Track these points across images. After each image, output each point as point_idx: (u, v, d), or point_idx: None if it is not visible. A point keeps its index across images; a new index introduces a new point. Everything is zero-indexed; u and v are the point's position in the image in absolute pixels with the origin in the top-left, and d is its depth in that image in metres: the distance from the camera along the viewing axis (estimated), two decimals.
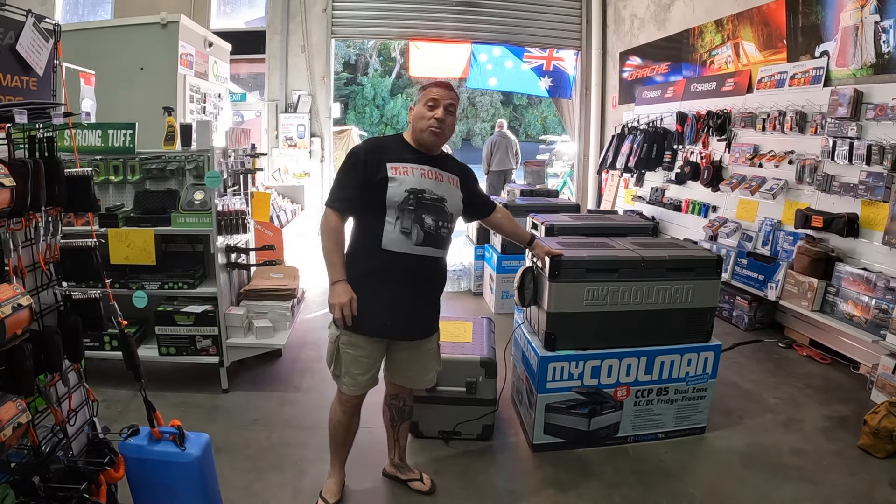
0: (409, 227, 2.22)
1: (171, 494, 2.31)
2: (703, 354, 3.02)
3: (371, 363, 2.38)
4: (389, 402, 2.65)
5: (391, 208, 2.22)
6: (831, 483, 2.79)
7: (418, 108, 2.30)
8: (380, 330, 2.32)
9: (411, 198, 2.22)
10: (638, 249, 2.99)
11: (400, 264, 2.25)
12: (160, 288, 3.46)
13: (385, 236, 2.23)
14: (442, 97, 2.27)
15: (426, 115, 2.27)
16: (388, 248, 2.23)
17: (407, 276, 2.28)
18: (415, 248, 2.24)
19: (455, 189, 2.38)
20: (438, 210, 2.28)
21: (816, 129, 4.48)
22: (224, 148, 3.56)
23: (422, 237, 2.23)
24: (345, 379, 2.38)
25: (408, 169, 2.26)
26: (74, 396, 2.11)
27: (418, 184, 2.25)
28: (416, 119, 2.30)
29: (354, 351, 2.34)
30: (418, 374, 2.53)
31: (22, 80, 1.88)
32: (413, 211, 2.22)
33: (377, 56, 25.13)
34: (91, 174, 1.88)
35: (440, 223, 2.28)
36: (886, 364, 3.57)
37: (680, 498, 2.67)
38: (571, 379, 2.90)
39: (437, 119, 2.26)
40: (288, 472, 2.82)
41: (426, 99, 2.28)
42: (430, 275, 2.37)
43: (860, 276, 3.94)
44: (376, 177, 2.22)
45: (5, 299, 1.50)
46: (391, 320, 2.30)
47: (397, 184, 2.22)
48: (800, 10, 4.86)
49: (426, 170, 2.30)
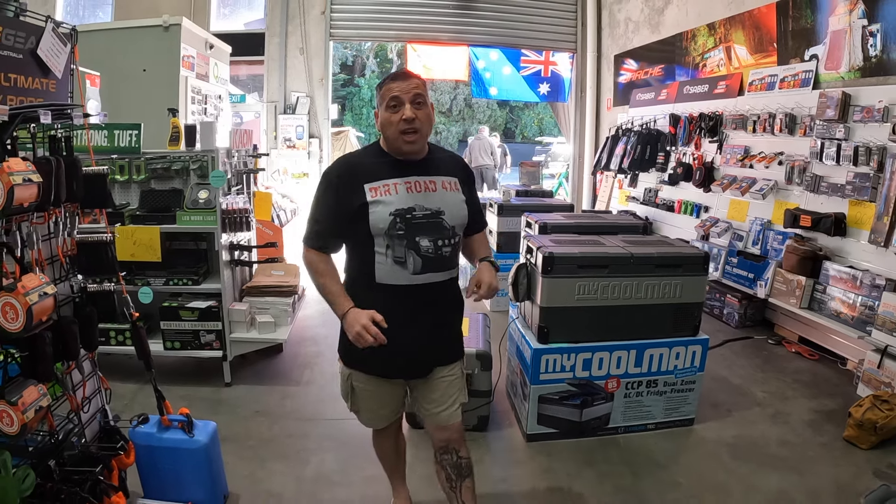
0: (402, 255, 1.87)
1: (179, 480, 2.41)
2: (691, 348, 3.13)
3: (389, 397, 2.13)
4: (440, 460, 2.15)
5: (378, 237, 1.88)
6: (816, 473, 2.89)
7: (382, 112, 1.90)
8: (388, 371, 2.03)
9: (398, 221, 1.86)
10: (628, 246, 3.10)
11: (399, 298, 1.92)
12: (165, 284, 3.56)
13: (378, 269, 1.90)
14: (403, 90, 1.86)
15: (392, 120, 1.86)
16: (384, 281, 1.90)
17: (410, 311, 1.94)
18: (414, 277, 1.90)
19: (454, 194, 2.00)
20: (435, 227, 1.91)
21: (805, 131, 4.59)
22: (228, 148, 3.65)
23: (419, 264, 1.88)
24: (363, 415, 2.18)
25: (389, 187, 1.89)
26: (88, 384, 2.21)
27: (404, 202, 1.88)
28: (383, 127, 1.90)
29: (367, 386, 2.08)
30: (443, 412, 2.08)
31: (42, 82, 1.97)
32: (403, 236, 1.86)
33: (374, 57, 25.20)
34: (107, 172, 1.97)
35: (440, 242, 1.91)
36: (872, 359, 3.67)
37: (669, 486, 2.77)
38: (564, 371, 3.00)
39: (405, 121, 1.85)
40: (290, 460, 2.91)
41: (386, 100, 1.88)
42: (439, 301, 2.02)
43: (847, 274, 4.05)
44: (354, 203, 1.87)
45: (32, 287, 1.60)
46: (404, 360, 1.99)
47: (380, 207, 1.86)
48: (790, 14, 4.97)
49: (412, 182, 1.92)
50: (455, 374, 2.11)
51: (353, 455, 2.89)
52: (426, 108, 1.90)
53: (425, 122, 1.89)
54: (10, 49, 1.84)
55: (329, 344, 4.48)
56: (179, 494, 2.40)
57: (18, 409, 1.71)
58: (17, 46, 1.87)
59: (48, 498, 1.93)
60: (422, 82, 1.92)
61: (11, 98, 1.82)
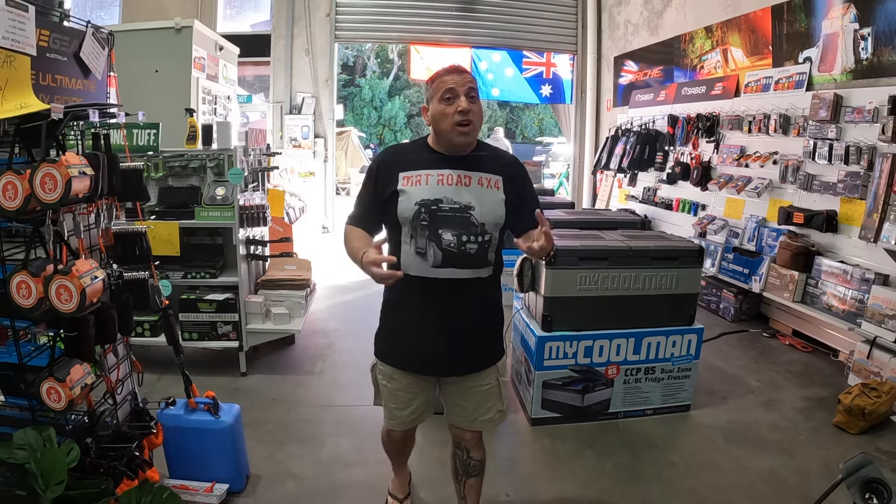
0: (423, 246, 1.86)
1: (204, 460, 2.55)
2: (687, 336, 3.28)
3: (410, 398, 2.09)
4: (454, 452, 2.26)
5: (404, 225, 1.89)
6: (806, 455, 3.04)
7: (434, 105, 1.88)
8: (409, 364, 2.03)
9: (423, 211, 1.86)
10: (626, 240, 3.26)
11: (419, 290, 1.91)
12: (183, 277, 3.70)
13: (402, 258, 1.89)
14: (458, 83, 1.85)
15: (447, 112, 1.84)
16: (407, 271, 1.86)
17: (429, 304, 1.94)
18: (434, 270, 1.87)
19: (493, 192, 1.93)
20: (462, 222, 1.87)
21: (799, 131, 4.73)
22: (245, 146, 3.80)
23: (440, 258, 1.85)
24: (387, 412, 2.16)
25: (420, 177, 1.89)
26: (122, 367, 2.35)
27: (432, 193, 1.87)
28: (436, 120, 1.88)
29: (389, 383, 2.09)
30: (471, 413, 2.10)
31: (83, 83, 2.12)
32: (427, 227, 1.85)
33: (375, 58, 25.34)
34: (143, 168, 2.12)
35: (465, 237, 1.86)
36: (862, 350, 3.81)
37: (665, 466, 2.93)
38: (566, 357, 3.16)
39: (461, 112, 1.83)
40: (307, 444, 3.06)
41: (440, 92, 1.86)
42: (466, 300, 1.95)
43: (838, 268, 4.20)
44: (388, 191, 1.91)
45: (85, 271, 1.75)
46: (421, 353, 1.99)
47: (407, 197, 1.88)
48: (784, 18, 5.12)
49: (445, 174, 1.90)
50: (489, 383, 2.07)
51: (367, 438, 3.04)
52: (479, 104, 1.90)
53: (478, 115, 1.88)
54: (57, 52, 1.98)
55: (339, 336, 4.65)
56: (204, 474, 2.53)
57: (66, 386, 1.86)
58: (62, 50, 2.01)
59: (88, 471, 2.08)
60: (474, 79, 1.92)
61: (58, 98, 1.97)
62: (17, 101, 1.73)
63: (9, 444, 1.88)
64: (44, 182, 1.64)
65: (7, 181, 1.65)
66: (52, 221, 1.83)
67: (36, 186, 1.65)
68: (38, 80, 1.89)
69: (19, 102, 1.72)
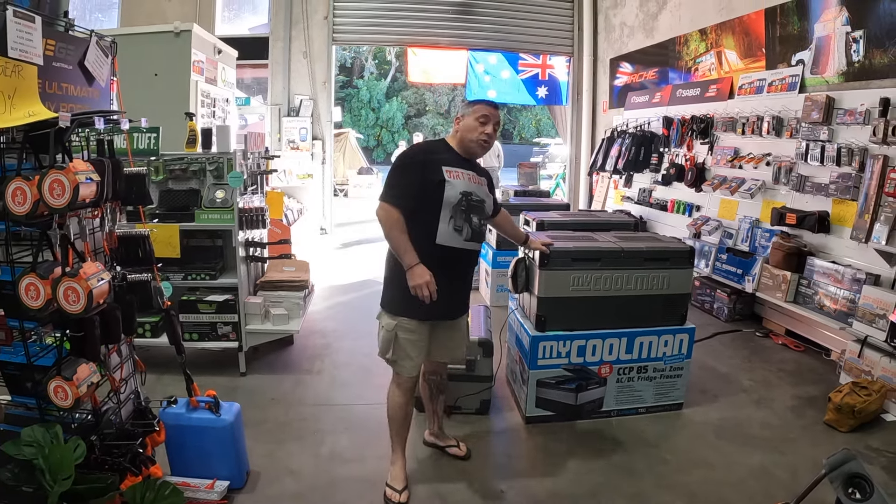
0: (461, 225, 2.51)
1: (205, 458, 2.60)
2: (679, 336, 3.34)
3: (424, 345, 2.64)
4: (428, 379, 2.93)
5: (446, 208, 2.48)
6: (796, 452, 3.09)
7: (469, 120, 2.59)
8: (434, 314, 2.57)
9: (464, 200, 2.51)
10: (619, 242, 3.32)
11: (451, 257, 2.53)
12: (184, 279, 3.76)
13: (440, 232, 2.49)
14: (492, 115, 2.59)
15: (478, 129, 2.57)
16: (442, 242, 2.50)
17: (455, 267, 2.59)
18: (464, 243, 2.54)
19: (487, 191, 2.68)
20: (481, 210, 2.59)
21: (792, 133, 4.79)
22: (244, 150, 3.85)
23: (470, 234, 2.54)
24: (404, 363, 2.60)
25: (459, 174, 2.54)
26: (125, 367, 2.41)
27: (468, 187, 2.53)
28: (466, 130, 2.59)
29: (412, 336, 2.57)
30: (455, 349, 2.82)
31: (87, 90, 2.18)
32: (465, 211, 2.51)
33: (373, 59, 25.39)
34: (146, 173, 2.18)
35: (482, 222, 2.61)
36: (853, 349, 3.86)
37: (657, 462, 2.99)
38: (560, 357, 3.22)
39: (487, 134, 2.58)
40: (307, 441, 3.12)
41: (479, 114, 2.57)
42: (471, 263, 2.73)
43: (830, 269, 4.26)
44: (435, 178, 2.48)
45: (92, 273, 1.81)
46: (443, 305, 2.53)
47: (452, 186, 2.48)
48: (778, 21, 5.18)
49: (471, 175, 2.60)
50: (465, 324, 2.87)
51: (365, 436, 3.10)
52: (496, 133, 2.65)
53: (492, 142, 2.63)
54: (63, 61, 2.04)
55: (337, 336, 4.70)
56: (205, 472, 2.57)
57: (73, 385, 1.92)
58: (67, 58, 2.07)
59: (94, 467, 2.13)
60: (500, 117, 2.69)
61: (64, 105, 2.02)
62: (25, 109, 1.78)
63: (17, 441, 1.94)
64: (52, 188, 1.70)
65: (16, 187, 1.71)
66: (59, 225, 1.89)
67: (44, 192, 1.71)
68: (45, 88, 1.94)
69: (27, 111, 1.77)
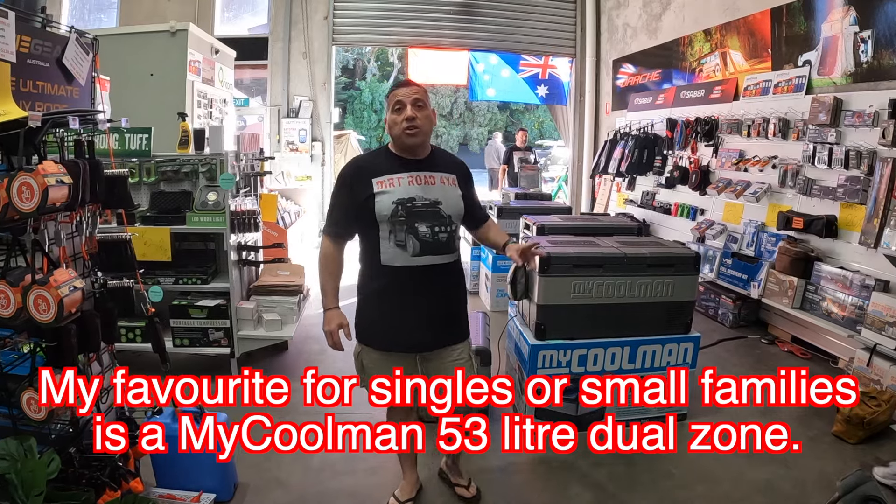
0: (403, 239, 2.18)
1: (192, 468, 2.51)
2: (683, 345, 3.24)
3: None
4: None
5: (382, 223, 2.18)
6: (803, 466, 2.99)
7: (389, 115, 2.24)
8: (394, 345, 2.32)
9: (400, 209, 2.17)
10: (621, 247, 3.22)
11: (402, 278, 2.21)
12: (175, 283, 3.68)
13: (382, 252, 2.20)
14: (406, 95, 2.20)
15: (397, 120, 2.20)
16: (388, 263, 2.20)
17: (412, 289, 2.24)
18: (414, 259, 2.19)
19: (452, 188, 2.30)
20: (433, 215, 2.21)
21: (798, 135, 4.70)
22: (237, 151, 3.77)
23: (418, 247, 2.18)
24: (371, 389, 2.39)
25: (393, 180, 2.21)
26: (107, 376, 2.31)
27: (405, 193, 2.19)
28: (390, 127, 2.24)
29: (375, 364, 2.35)
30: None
31: (66, 89, 2.09)
32: (404, 221, 2.17)
33: (375, 61, 25.32)
34: (127, 175, 2.09)
35: (437, 228, 2.21)
36: (861, 357, 3.77)
37: (662, 476, 2.89)
38: (560, 366, 3.12)
39: (407, 119, 2.18)
40: (297, 452, 3.00)
41: (392, 104, 2.23)
42: (440, 282, 2.30)
43: (838, 274, 4.16)
44: (363, 195, 2.19)
45: (63, 281, 1.72)
46: (404, 334, 2.28)
47: (384, 197, 2.17)
48: (784, 21, 5.09)
49: (413, 176, 2.23)
50: (463, 357, 2.40)
51: (356, 448, 3.00)
52: (426, 111, 2.23)
53: (425, 121, 2.22)
54: (39, 58, 1.95)
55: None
56: (192, 483, 2.49)
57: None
58: (44, 55, 1.98)
59: (71, 481, 2.04)
60: (421, 89, 2.26)
61: (39, 104, 1.94)
62: None
63: None
64: (21, 191, 1.61)
65: None
66: (33, 230, 1.80)
67: (13, 195, 1.62)
68: (19, 86, 1.86)
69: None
